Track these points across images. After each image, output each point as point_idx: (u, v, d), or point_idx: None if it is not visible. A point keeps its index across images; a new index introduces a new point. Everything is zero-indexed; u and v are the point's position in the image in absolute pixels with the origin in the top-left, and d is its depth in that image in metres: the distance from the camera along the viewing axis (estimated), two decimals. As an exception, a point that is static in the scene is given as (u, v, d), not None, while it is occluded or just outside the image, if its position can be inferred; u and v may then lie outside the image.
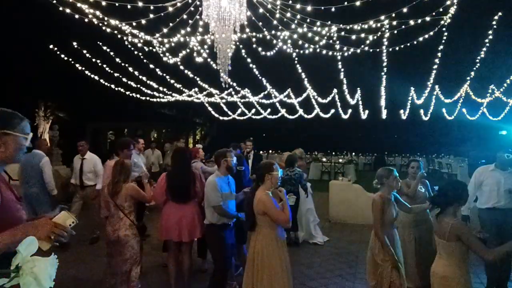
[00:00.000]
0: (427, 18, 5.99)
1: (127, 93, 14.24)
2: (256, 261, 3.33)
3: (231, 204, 4.06)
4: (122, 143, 5.12)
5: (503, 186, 4.42)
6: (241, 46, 8.13)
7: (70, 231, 1.55)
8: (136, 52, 9.04)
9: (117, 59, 10.36)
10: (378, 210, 3.47)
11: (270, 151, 21.14)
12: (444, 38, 7.54)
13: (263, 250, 3.30)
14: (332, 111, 20.26)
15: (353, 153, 22.04)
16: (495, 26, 7.36)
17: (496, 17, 7.16)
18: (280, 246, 3.38)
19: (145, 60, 10.15)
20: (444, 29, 6.76)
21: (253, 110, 20.90)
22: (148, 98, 15.79)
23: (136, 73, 11.77)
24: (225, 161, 4.05)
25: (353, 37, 6.79)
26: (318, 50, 7.61)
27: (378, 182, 3.69)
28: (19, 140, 1.73)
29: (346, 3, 5.47)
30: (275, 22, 6.23)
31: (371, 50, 7.56)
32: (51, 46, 9.62)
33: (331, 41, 7.10)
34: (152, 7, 5.79)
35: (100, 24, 6.36)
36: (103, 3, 5.52)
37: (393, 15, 5.85)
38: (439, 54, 8.81)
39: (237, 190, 4.30)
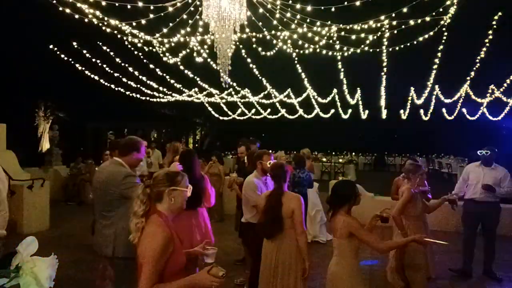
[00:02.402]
0: (427, 18, 6.00)
1: (127, 93, 14.24)
2: (281, 268, 3.22)
3: None
4: (111, 145, 5.09)
5: (481, 181, 5.00)
6: (241, 46, 8.14)
7: (223, 281, 1.87)
8: (136, 52, 9.05)
9: (117, 59, 10.37)
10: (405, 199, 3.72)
11: (270, 151, 21.11)
12: (444, 38, 7.54)
13: (291, 255, 3.21)
14: (332, 111, 20.28)
15: (353, 153, 22.03)
16: (495, 26, 7.36)
17: (496, 17, 7.17)
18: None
19: (145, 60, 10.16)
20: (444, 29, 6.76)
21: (253, 110, 20.90)
22: (148, 98, 15.80)
23: (136, 73, 11.78)
24: (260, 163, 4.17)
25: (353, 37, 6.80)
26: (318, 50, 7.62)
27: (405, 176, 3.99)
28: (184, 193, 2.08)
29: (346, 3, 5.48)
30: (275, 22, 6.23)
31: (371, 50, 7.56)
32: (51, 46, 9.64)
33: (331, 41, 7.10)
34: (152, 7, 5.80)
35: (100, 24, 6.36)
36: (103, 3, 5.53)
37: (393, 15, 5.85)
38: (439, 54, 8.80)
39: None
